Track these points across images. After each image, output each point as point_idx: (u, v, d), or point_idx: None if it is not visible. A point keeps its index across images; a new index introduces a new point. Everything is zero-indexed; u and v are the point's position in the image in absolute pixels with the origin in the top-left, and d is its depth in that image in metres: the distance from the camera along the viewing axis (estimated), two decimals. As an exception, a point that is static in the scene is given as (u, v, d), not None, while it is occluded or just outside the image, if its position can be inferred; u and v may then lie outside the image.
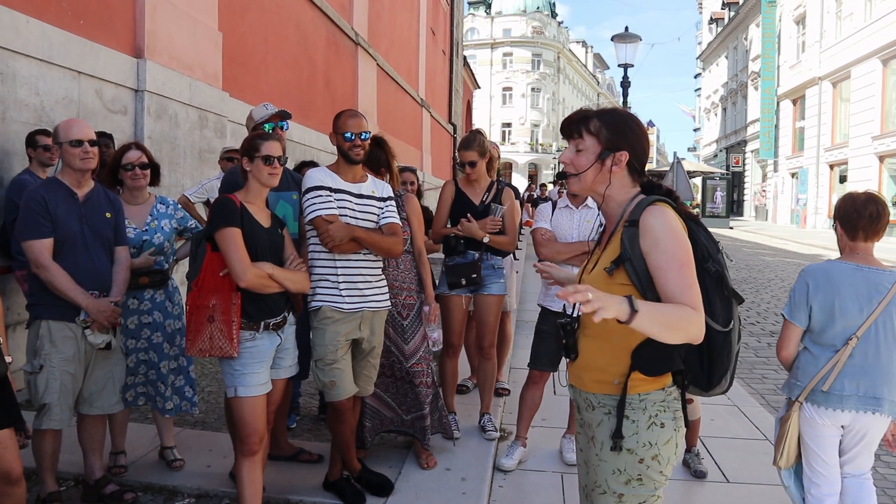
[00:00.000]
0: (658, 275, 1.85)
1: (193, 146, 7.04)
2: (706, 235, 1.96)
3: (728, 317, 1.91)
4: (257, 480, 2.95)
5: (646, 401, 1.94)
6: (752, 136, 39.61)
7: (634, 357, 1.93)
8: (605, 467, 1.99)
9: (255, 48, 9.06)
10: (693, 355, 1.93)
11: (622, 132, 2.00)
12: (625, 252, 1.90)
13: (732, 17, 43.64)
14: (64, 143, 3.17)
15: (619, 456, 1.95)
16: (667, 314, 1.77)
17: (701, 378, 1.96)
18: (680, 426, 1.97)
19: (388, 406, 3.89)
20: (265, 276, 2.88)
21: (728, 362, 1.94)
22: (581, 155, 2.02)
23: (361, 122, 3.40)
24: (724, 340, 1.91)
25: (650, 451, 1.93)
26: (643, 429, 1.93)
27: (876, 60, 24.81)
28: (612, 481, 1.98)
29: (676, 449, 1.98)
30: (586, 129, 2.01)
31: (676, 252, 1.84)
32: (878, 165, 24.68)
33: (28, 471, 3.16)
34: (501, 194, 4.46)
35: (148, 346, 3.62)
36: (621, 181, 2.02)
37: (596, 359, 2.02)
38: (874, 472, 4.31)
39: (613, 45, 15.26)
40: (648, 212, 1.90)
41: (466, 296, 4.37)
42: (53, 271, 3.05)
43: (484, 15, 64.13)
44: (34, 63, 4.93)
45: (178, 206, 3.90)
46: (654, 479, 1.96)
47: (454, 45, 29.35)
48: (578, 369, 2.08)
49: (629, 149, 2.00)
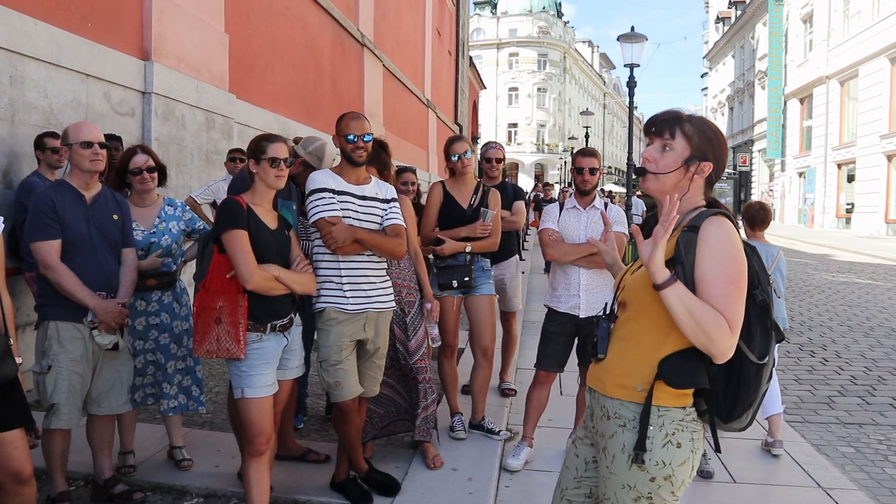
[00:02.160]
0: (703, 284, 1.81)
1: (200, 148, 7.07)
2: (759, 264, 1.91)
3: (765, 350, 1.86)
4: (264, 481, 2.97)
5: (664, 417, 1.88)
6: (759, 136, 39.47)
7: (662, 366, 1.87)
8: (615, 480, 1.94)
9: (262, 50, 9.09)
10: (721, 380, 1.87)
11: (712, 142, 1.99)
12: (678, 255, 1.87)
13: (739, 16, 43.50)
14: (74, 144, 3.19)
15: (629, 471, 1.90)
16: (699, 307, 1.76)
17: (723, 406, 1.89)
18: (697, 448, 1.91)
19: (400, 395, 3.92)
20: (271, 278, 2.89)
21: (755, 397, 1.88)
22: (668, 155, 1.98)
23: (364, 124, 3.41)
24: (756, 373, 1.86)
25: (663, 471, 1.88)
26: (658, 446, 1.87)
27: (884, 59, 24.71)
28: (622, 496, 1.93)
29: (692, 471, 1.92)
30: (681, 129, 1.98)
31: (729, 267, 1.81)
32: (886, 164, 24.59)
33: (38, 470, 3.18)
34: (488, 196, 4.48)
35: (155, 347, 3.64)
36: (696, 192, 2.00)
37: (622, 362, 1.97)
38: (881, 472, 4.33)
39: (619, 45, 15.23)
40: (711, 221, 1.87)
41: (458, 297, 4.38)
42: (61, 272, 3.08)
43: (490, 15, 64.13)
44: (43, 66, 4.97)
45: (186, 207, 3.91)
46: (665, 499, 1.90)
47: (460, 45, 29.35)
48: (602, 371, 2.03)
49: (714, 161, 1.99)
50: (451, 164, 4.45)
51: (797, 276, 13.87)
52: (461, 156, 4.39)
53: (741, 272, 1.82)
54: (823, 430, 5.07)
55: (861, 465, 4.42)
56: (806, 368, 6.73)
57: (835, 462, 4.41)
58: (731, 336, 1.77)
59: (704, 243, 1.84)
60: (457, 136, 4.64)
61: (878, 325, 8.86)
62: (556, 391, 5.11)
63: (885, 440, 4.86)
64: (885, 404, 5.65)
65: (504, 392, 5.37)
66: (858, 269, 15.36)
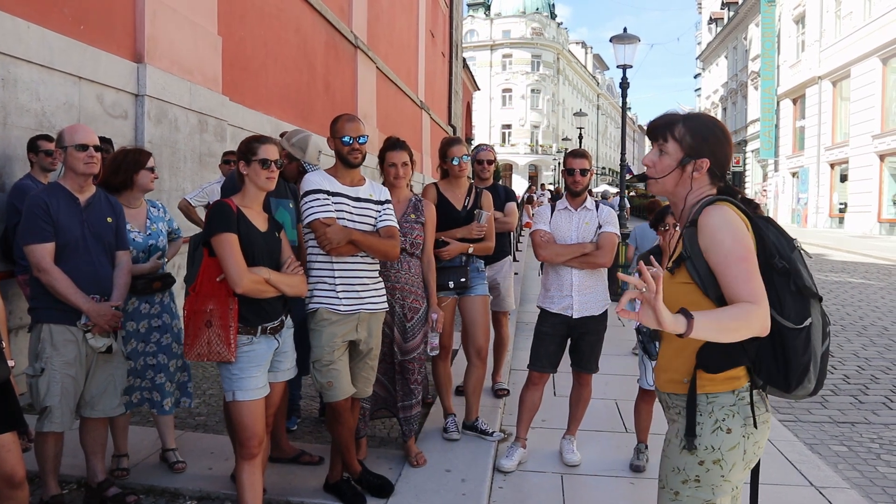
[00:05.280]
0: (718, 271, 1.87)
1: (194, 150, 7.06)
2: (777, 232, 1.95)
3: (803, 313, 1.88)
4: (257, 483, 2.97)
5: (713, 403, 1.94)
6: (752, 136, 39.60)
7: (699, 356, 1.94)
8: (667, 463, 2.04)
9: (255, 52, 9.09)
10: (766, 353, 1.90)
11: (705, 139, 2.04)
12: (685, 251, 1.95)
13: (732, 17, 43.62)
14: (69, 147, 3.19)
15: (680, 455, 1.98)
16: (722, 318, 1.80)
17: (778, 378, 1.92)
18: (750, 433, 1.94)
19: (383, 387, 3.92)
20: (262, 281, 2.88)
21: (806, 360, 1.89)
22: (663, 158, 2.08)
23: (359, 126, 3.43)
24: (797, 337, 1.87)
25: (712, 455, 1.93)
26: (707, 432, 1.94)
27: (875, 59, 24.82)
28: (672, 478, 2.01)
29: (745, 455, 1.95)
30: (671, 133, 2.06)
31: (733, 247, 1.86)
32: (878, 164, 24.70)
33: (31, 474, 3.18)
34: (481, 198, 4.49)
35: (157, 348, 3.64)
36: (700, 187, 2.06)
37: (669, 359, 2.06)
38: (874, 470, 4.35)
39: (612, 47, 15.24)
40: (706, 211, 1.93)
41: (453, 298, 4.39)
42: (55, 275, 3.07)
43: (483, 16, 64.21)
44: (35, 69, 4.96)
45: (165, 208, 3.94)
46: (714, 483, 1.94)
47: (453, 46, 29.37)
48: (658, 371, 2.14)
49: (710, 156, 2.03)
50: (448, 166, 4.43)
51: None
52: (460, 159, 4.39)
53: (746, 248, 1.87)
54: (816, 429, 5.09)
55: (854, 464, 4.44)
56: (799, 368, 6.75)
57: (827, 461, 4.43)
58: (759, 310, 1.80)
59: (704, 234, 1.91)
60: (455, 138, 4.63)
61: (870, 324, 8.90)
62: (549, 392, 5.12)
63: (878, 439, 4.88)
64: (877, 403, 5.68)
65: (497, 393, 5.37)
66: (851, 268, 15.42)
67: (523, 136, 62.57)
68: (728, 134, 2.12)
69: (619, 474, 4.04)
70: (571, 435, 4.30)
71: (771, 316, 1.85)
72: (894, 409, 5.52)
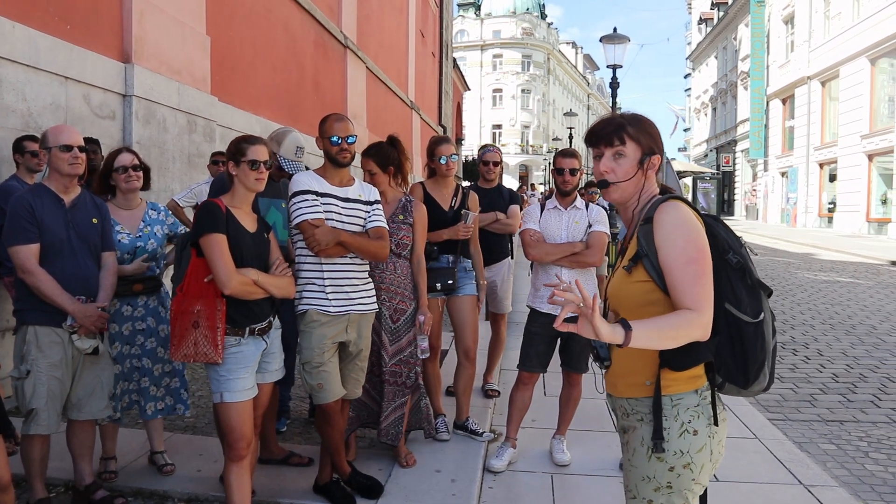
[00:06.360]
0: (667, 270, 1.86)
1: (182, 151, 7.03)
2: (726, 230, 1.96)
3: (757, 308, 1.89)
4: (246, 485, 2.95)
5: (678, 406, 1.92)
6: (742, 136, 39.78)
7: (662, 354, 1.91)
8: (635, 473, 1.98)
9: (244, 52, 9.05)
10: (725, 349, 1.91)
11: (652, 135, 2.03)
12: (641, 248, 1.93)
13: (721, 18, 43.83)
14: (53, 147, 3.16)
15: (649, 463, 1.94)
16: (662, 326, 1.79)
17: (736, 374, 1.92)
18: (714, 432, 1.94)
19: (373, 400, 3.90)
20: (250, 282, 2.87)
21: (762, 354, 1.90)
22: (623, 161, 2.01)
23: (348, 125, 3.41)
24: (756, 332, 1.89)
25: (681, 460, 1.91)
26: (675, 437, 1.91)
27: (864, 59, 24.97)
28: (643, 487, 1.97)
29: (712, 455, 1.95)
30: (627, 134, 2.01)
31: (685, 247, 1.85)
32: (867, 164, 24.86)
33: (17, 477, 3.16)
34: (467, 199, 4.48)
35: (142, 352, 3.61)
36: (651, 182, 2.05)
37: (627, 363, 2.01)
38: (862, 468, 4.37)
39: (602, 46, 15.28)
40: (662, 208, 1.93)
41: (441, 298, 4.38)
42: (40, 276, 3.05)
43: (473, 17, 64.26)
44: (21, 69, 4.92)
45: (168, 211, 3.89)
46: (686, 487, 1.93)
47: (444, 47, 29.37)
48: (613, 376, 2.08)
49: (660, 152, 2.04)
50: (435, 165, 4.40)
51: (780, 274, 13.99)
52: (448, 158, 4.38)
53: (699, 249, 1.86)
54: (805, 427, 5.11)
55: (842, 462, 4.46)
56: (788, 366, 6.78)
57: (816, 459, 4.44)
58: (701, 319, 1.80)
59: (659, 231, 1.90)
60: (443, 137, 4.61)
61: (858, 322, 8.95)
62: (539, 392, 5.12)
63: (866, 437, 4.91)
64: (865, 401, 5.71)
65: (487, 393, 5.37)
66: (840, 267, 15.51)
67: (514, 136, 62.63)
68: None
69: (610, 474, 4.04)
70: (561, 435, 4.30)
71: (729, 311, 1.87)
72: (882, 408, 5.55)
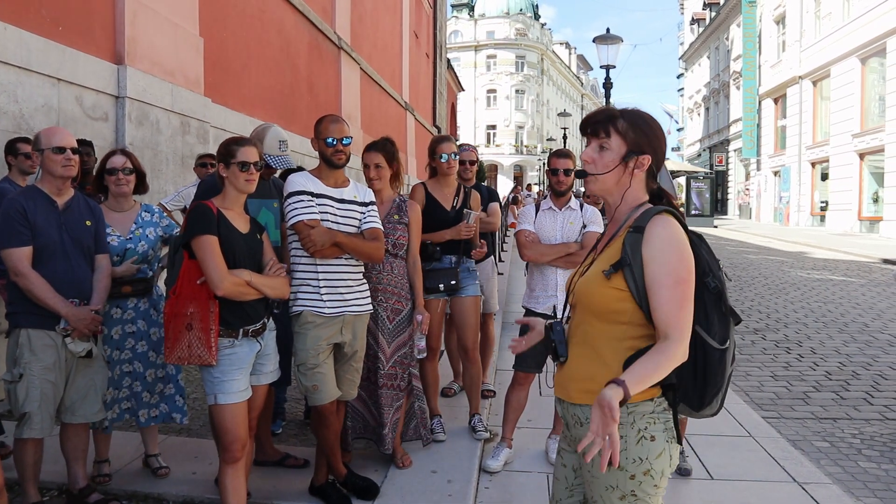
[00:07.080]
0: (653, 288, 1.81)
1: (176, 152, 7.01)
2: (708, 251, 1.91)
3: (725, 335, 1.87)
4: (241, 487, 2.94)
5: (634, 413, 1.87)
6: (734, 136, 39.90)
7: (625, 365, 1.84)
8: (598, 483, 1.94)
9: (237, 53, 9.03)
10: (687, 372, 1.86)
11: (647, 134, 1.96)
12: (625, 257, 1.86)
13: (714, 18, 43.97)
14: (46, 150, 3.15)
15: (610, 472, 1.88)
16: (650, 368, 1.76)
17: (693, 396, 1.89)
18: (672, 437, 1.91)
19: (369, 410, 3.89)
20: (243, 283, 2.86)
21: (722, 381, 1.88)
22: (606, 154, 1.96)
23: (343, 127, 3.41)
24: (720, 358, 1.86)
25: (641, 467, 1.88)
26: (632, 444, 1.87)
27: (855, 59, 25.09)
28: (608, 497, 1.93)
29: (671, 461, 1.92)
30: (614, 127, 1.95)
31: (676, 267, 1.81)
32: (858, 163, 24.98)
33: (10, 481, 3.15)
34: (469, 198, 4.49)
35: (132, 356, 3.57)
36: (639, 185, 1.99)
37: (583, 367, 1.95)
38: (855, 465, 4.39)
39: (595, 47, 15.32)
40: (656, 221, 1.87)
41: (443, 299, 4.38)
42: (32, 279, 3.03)
43: (467, 17, 64.28)
44: (13, 70, 4.90)
45: (163, 213, 3.87)
46: (649, 492, 1.91)
47: (438, 47, 29.37)
48: (566, 379, 2.00)
49: (651, 152, 1.97)
50: (436, 163, 4.40)
51: (773, 273, 14.04)
52: (449, 156, 4.37)
53: (688, 270, 1.83)
54: (799, 425, 5.13)
55: (836, 459, 4.47)
56: (782, 365, 6.81)
57: (810, 457, 4.46)
58: (683, 345, 1.79)
59: (650, 245, 1.84)
60: (444, 136, 4.62)
61: (851, 321, 8.99)
62: (535, 392, 5.11)
63: (859, 434, 4.93)
64: (858, 399, 5.73)
65: (483, 393, 5.36)
66: (833, 266, 15.57)
67: (508, 136, 62.69)
68: (663, 132, 2.05)
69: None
70: (557, 434, 4.30)
71: (698, 334, 1.84)
72: (875, 405, 5.57)
